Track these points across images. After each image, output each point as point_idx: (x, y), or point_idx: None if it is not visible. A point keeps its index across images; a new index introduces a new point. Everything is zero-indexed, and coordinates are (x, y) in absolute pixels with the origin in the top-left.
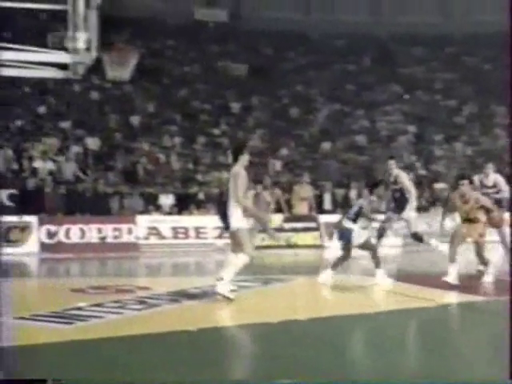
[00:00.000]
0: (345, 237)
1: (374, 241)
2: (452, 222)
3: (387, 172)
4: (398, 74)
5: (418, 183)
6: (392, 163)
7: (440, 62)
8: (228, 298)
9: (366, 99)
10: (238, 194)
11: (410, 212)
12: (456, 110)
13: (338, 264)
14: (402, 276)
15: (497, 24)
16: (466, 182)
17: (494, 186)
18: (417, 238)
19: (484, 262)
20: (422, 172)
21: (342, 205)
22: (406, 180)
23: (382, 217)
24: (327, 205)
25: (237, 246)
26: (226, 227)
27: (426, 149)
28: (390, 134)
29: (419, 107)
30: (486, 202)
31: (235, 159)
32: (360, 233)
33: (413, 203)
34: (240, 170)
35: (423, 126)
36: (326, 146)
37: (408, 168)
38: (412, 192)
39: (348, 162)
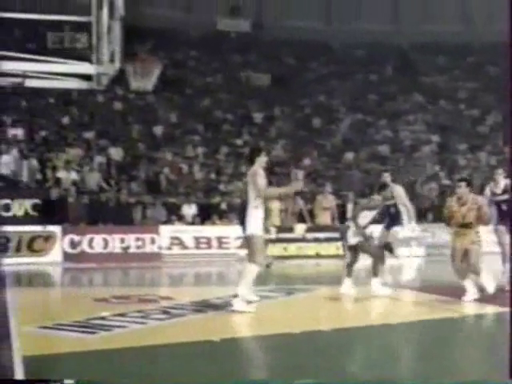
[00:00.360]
0: (343, 236)
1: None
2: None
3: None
4: (421, 83)
5: (442, 193)
6: (387, 176)
7: (462, 71)
8: (247, 313)
9: (388, 109)
10: (259, 188)
11: (409, 227)
12: (479, 120)
13: (350, 270)
14: (425, 286)
15: None
16: (463, 183)
17: (505, 191)
18: (388, 249)
19: (475, 271)
20: (446, 182)
21: None
22: (402, 194)
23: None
24: (350, 215)
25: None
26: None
27: (449, 158)
28: (413, 144)
29: (442, 117)
30: (483, 201)
31: (252, 162)
32: (354, 232)
33: (411, 218)
34: (257, 169)
35: (447, 136)
36: (349, 156)
37: (432, 178)
38: (409, 207)
39: (371, 172)
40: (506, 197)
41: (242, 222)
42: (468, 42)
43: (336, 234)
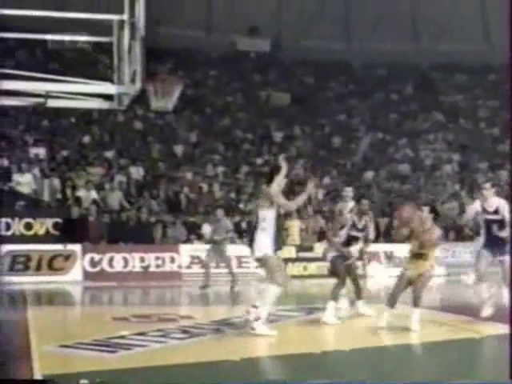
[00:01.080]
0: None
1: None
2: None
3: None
4: (441, 102)
5: (463, 212)
6: (349, 191)
7: (482, 89)
8: (269, 335)
9: (408, 128)
10: (282, 205)
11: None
12: (500, 138)
13: (336, 292)
14: (445, 306)
15: None
16: (427, 208)
17: (496, 211)
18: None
19: (416, 302)
20: (467, 201)
21: (384, 234)
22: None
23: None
24: (370, 234)
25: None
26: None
27: (470, 177)
28: (434, 163)
29: (463, 135)
30: (437, 234)
31: (271, 180)
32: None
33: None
34: (273, 189)
35: (467, 155)
36: (369, 174)
37: (452, 197)
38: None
39: (391, 191)
40: (497, 217)
41: (250, 245)
42: (488, 60)
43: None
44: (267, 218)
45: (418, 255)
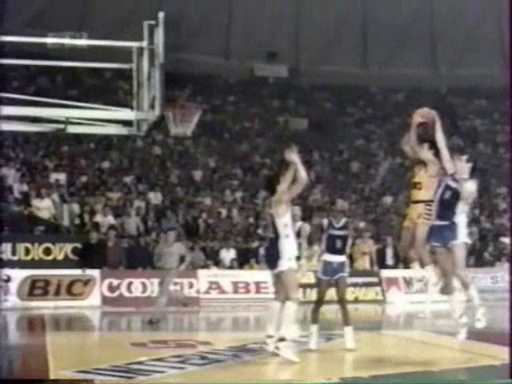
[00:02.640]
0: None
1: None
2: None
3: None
4: (459, 126)
5: (483, 237)
6: (341, 203)
7: (501, 114)
8: (292, 361)
9: None
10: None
11: None
12: None
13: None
14: (467, 333)
15: None
16: None
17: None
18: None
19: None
20: (487, 225)
21: (403, 260)
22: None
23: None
24: (389, 260)
25: (281, 290)
26: (272, 268)
27: (489, 202)
28: None
29: (481, 160)
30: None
31: (273, 191)
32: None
33: None
34: (280, 195)
35: (486, 179)
36: (387, 200)
37: (472, 222)
38: None
39: None
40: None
41: (270, 259)
42: (506, 84)
43: (375, 279)
44: (288, 223)
45: None
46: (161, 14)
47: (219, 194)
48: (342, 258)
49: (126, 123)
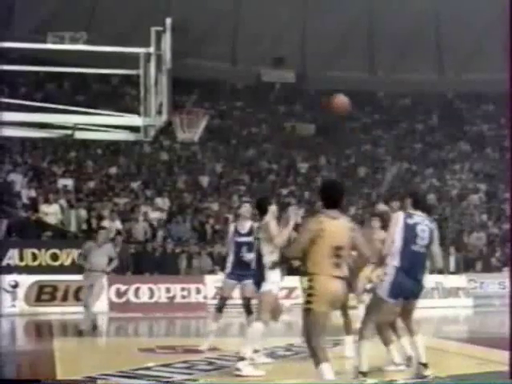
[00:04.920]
0: None
1: None
2: None
3: None
4: (466, 131)
5: (490, 242)
6: (245, 207)
7: (508, 118)
8: (257, 376)
9: (434, 158)
10: (272, 235)
11: None
12: None
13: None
14: (473, 338)
15: None
16: None
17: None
18: None
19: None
20: (494, 231)
21: None
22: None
23: None
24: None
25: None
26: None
27: (497, 207)
28: (460, 193)
29: (489, 165)
30: None
31: (263, 212)
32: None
33: None
34: (270, 219)
35: (494, 184)
36: (395, 205)
37: (479, 227)
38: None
39: None
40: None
41: (257, 281)
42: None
43: None
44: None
45: None
46: (168, 20)
47: (226, 199)
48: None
49: (134, 129)
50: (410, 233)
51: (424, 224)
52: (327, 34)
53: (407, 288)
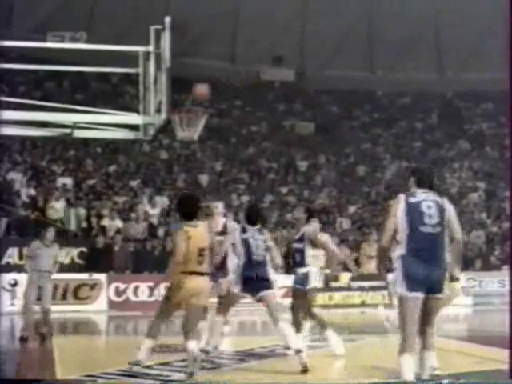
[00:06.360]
0: None
1: None
2: None
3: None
4: (465, 130)
5: (489, 241)
6: (216, 205)
7: (508, 117)
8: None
9: (433, 156)
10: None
11: None
12: None
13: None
14: (473, 336)
15: None
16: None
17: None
18: None
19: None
20: (493, 229)
21: None
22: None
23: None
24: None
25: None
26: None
27: (496, 206)
28: (460, 191)
29: (488, 164)
30: None
31: (255, 220)
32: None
33: None
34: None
35: (493, 183)
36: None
37: (479, 225)
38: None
39: None
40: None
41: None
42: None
43: (381, 283)
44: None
45: None
46: (167, 19)
47: (225, 197)
48: None
49: (133, 127)
50: (414, 213)
51: (429, 200)
52: (327, 32)
53: (420, 275)
